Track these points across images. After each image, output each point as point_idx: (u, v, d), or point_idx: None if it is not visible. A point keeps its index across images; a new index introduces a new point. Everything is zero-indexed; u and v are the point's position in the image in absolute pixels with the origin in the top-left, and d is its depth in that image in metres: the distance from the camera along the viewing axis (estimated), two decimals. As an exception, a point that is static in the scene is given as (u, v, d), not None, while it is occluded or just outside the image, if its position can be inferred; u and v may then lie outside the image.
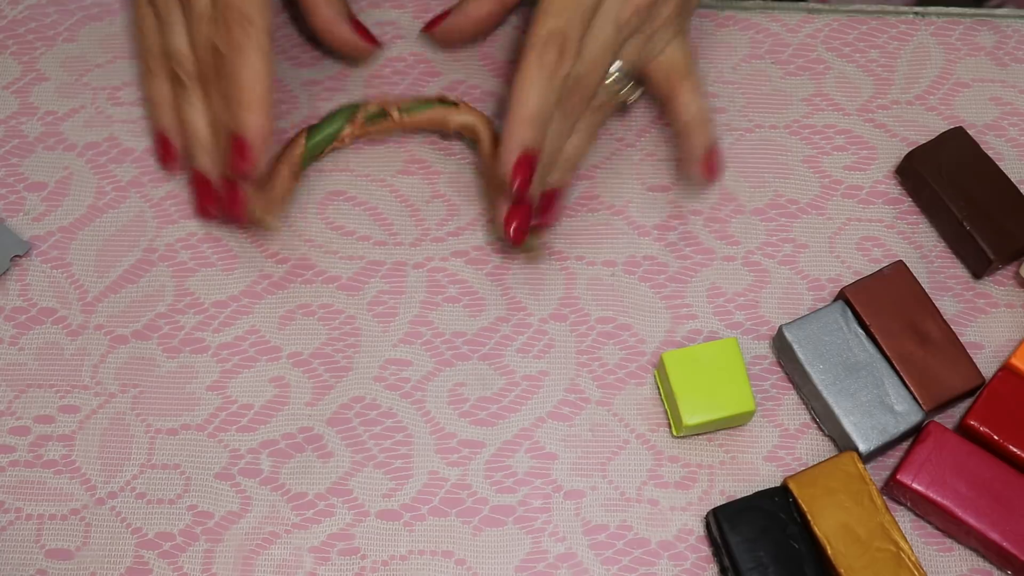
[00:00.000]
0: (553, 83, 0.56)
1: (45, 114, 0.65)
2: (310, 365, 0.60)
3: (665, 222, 0.63)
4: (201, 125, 0.60)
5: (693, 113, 0.60)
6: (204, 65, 0.59)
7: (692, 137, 0.60)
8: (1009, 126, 0.65)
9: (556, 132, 0.58)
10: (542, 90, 0.56)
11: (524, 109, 0.56)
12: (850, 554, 0.54)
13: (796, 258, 0.62)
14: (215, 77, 0.58)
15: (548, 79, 0.56)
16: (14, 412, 0.59)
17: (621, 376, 0.60)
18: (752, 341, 0.61)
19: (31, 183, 0.63)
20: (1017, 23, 0.68)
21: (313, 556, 0.57)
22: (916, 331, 0.58)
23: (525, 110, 0.56)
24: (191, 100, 0.60)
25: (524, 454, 0.59)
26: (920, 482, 0.56)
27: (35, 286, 0.61)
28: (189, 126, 0.60)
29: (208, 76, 0.59)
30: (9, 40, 0.66)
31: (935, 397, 0.57)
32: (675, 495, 0.58)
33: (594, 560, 0.57)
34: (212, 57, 0.58)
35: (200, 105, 0.60)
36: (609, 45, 0.57)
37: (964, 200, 0.61)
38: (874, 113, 0.65)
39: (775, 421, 0.59)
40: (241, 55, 0.56)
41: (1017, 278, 0.62)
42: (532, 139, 0.56)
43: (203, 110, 0.60)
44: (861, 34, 0.67)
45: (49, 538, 0.57)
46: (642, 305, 0.61)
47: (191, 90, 0.59)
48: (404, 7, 0.67)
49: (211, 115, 0.59)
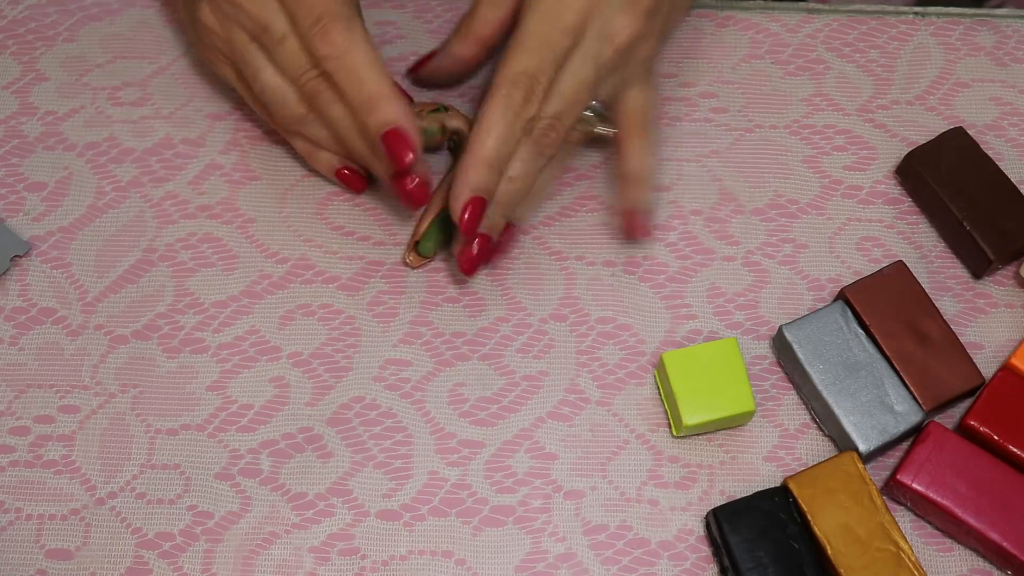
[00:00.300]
0: (515, 126, 0.56)
1: (45, 114, 0.65)
2: (310, 365, 0.60)
3: (665, 222, 0.63)
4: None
5: (633, 167, 0.60)
6: (309, 91, 0.57)
7: (625, 190, 0.60)
8: (1009, 126, 0.65)
9: (526, 171, 0.57)
10: (503, 133, 0.55)
11: (482, 150, 0.55)
12: (850, 554, 0.54)
13: (796, 258, 0.62)
14: (327, 93, 0.56)
15: (511, 122, 0.55)
16: (14, 412, 0.59)
17: (621, 376, 0.60)
18: (752, 341, 0.61)
19: (31, 183, 0.63)
20: (1017, 23, 0.68)
21: (313, 556, 0.57)
22: (916, 331, 0.58)
23: (483, 151, 0.55)
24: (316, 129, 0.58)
25: (524, 454, 0.59)
26: (920, 482, 0.56)
27: (35, 286, 0.61)
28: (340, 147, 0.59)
29: (318, 97, 0.57)
30: (9, 40, 0.66)
31: (935, 397, 0.57)
32: (675, 495, 0.58)
33: (594, 560, 0.57)
34: (316, 80, 0.56)
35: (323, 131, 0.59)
36: (588, 85, 0.57)
37: (964, 200, 0.61)
38: (874, 113, 0.65)
39: (775, 421, 0.59)
40: (352, 53, 0.54)
41: (1017, 278, 0.62)
42: (485, 182, 0.56)
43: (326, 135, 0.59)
44: (861, 34, 0.67)
45: (49, 538, 0.57)
46: (642, 305, 0.61)
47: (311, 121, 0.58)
48: (404, 7, 0.67)
49: (340, 131, 0.58)
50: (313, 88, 0.56)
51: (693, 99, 0.66)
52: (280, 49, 0.56)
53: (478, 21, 0.60)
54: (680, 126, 0.65)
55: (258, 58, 0.57)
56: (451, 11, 0.67)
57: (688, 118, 0.65)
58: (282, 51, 0.56)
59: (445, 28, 0.67)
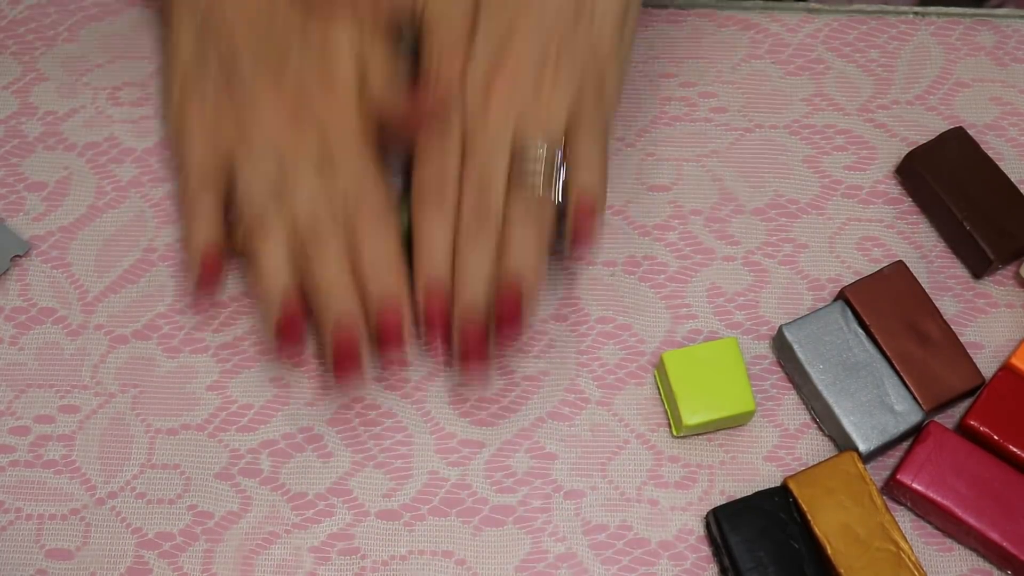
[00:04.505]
0: (445, 217, 0.56)
1: (45, 114, 0.65)
2: (310, 365, 0.60)
3: (665, 222, 0.63)
4: (345, 280, 0.56)
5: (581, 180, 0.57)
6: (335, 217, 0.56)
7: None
8: (1009, 126, 0.65)
9: (473, 260, 0.55)
10: (434, 228, 0.56)
11: (420, 249, 0.56)
12: (850, 554, 0.54)
13: (796, 258, 0.62)
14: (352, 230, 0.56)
15: (441, 222, 0.56)
16: (14, 412, 0.59)
17: (621, 376, 0.60)
18: (752, 341, 0.61)
19: (31, 183, 0.63)
20: (1017, 23, 0.68)
21: (313, 556, 0.57)
22: (916, 331, 0.58)
23: (421, 251, 0.56)
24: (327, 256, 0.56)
25: (524, 454, 0.59)
26: (920, 482, 0.56)
27: (35, 286, 0.61)
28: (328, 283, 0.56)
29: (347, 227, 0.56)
30: (9, 40, 0.66)
31: (935, 397, 0.57)
32: (675, 495, 0.58)
33: (594, 560, 0.57)
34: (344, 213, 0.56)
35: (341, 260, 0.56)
36: (500, 135, 0.56)
37: (964, 200, 0.61)
38: (874, 113, 0.65)
39: (775, 421, 0.59)
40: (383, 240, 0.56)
41: (1017, 278, 0.62)
42: (436, 276, 0.55)
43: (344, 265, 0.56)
44: (861, 34, 0.67)
45: (49, 538, 0.57)
46: (642, 305, 0.61)
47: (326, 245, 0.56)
48: (404, 7, 0.67)
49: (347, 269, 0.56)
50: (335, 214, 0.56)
51: (693, 99, 0.66)
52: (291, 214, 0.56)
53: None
54: (680, 126, 0.65)
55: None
56: (451, 11, 0.67)
57: (688, 118, 0.65)
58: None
59: (445, 28, 0.67)
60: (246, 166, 0.57)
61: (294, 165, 0.56)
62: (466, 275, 0.55)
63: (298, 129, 0.56)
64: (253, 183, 0.56)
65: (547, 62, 0.56)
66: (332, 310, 0.55)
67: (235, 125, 0.57)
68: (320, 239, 0.55)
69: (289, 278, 0.56)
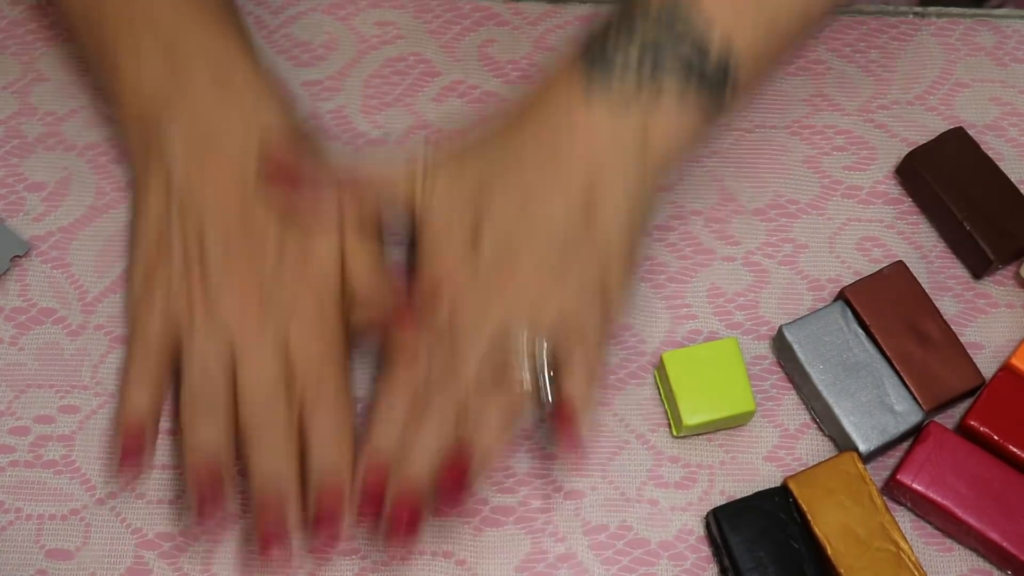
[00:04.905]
0: (407, 384, 0.54)
1: (45, 114, 0.65)
2: (310, 365, 0.60)
3: (665, 222, 0.63)
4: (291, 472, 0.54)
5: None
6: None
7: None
8: (1009, 126, 0.65)
9: (425, 432, 0.53)
10: (394, 396, 0.54)
11: (374, 417, 0.55)
12: (850, 554, 0.54)
13: (796, 258, 0.62)
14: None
15: (404, 390, 0.54)
16: (14, 412, 0.59)
17: (621, 376, 0.60)
18: (752, 341, 0.61)
19: (31, 183, 0.63)
20: (1017, 23, 0.68)
21: (313, 556, 0.57)
22: (916, 331, 0.58)
23: (375, 418, 0.55)
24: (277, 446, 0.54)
25: (524, 454, 0.59)
26: (920, 482, 0.56)
27: (35, 286, 0.61)
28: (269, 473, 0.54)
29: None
30: (9, 40, 0.66)
31: (935, 397, 0.57)
32: (675, 495, 0.58)
33: (594, 560, 0.57)
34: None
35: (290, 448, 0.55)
36: (483, 316, 0.54)
37: (964, 200, 0.61)
38: (874, 113, 0.65)
39: (775, 421, 0.59)
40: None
41: (1017, 278, 0.62)
42: (381, 448, 0.54)
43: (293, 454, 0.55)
44: (861, 34, 0.67)
45: (49, 538, 0.57)
46: (642, 305, 0.61)
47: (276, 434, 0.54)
48: (404, 7, 0.67)
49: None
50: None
51: (693, 99, 0.66)
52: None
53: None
54: (680, 126, 0.65)
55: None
56: (451, 11, 0.67)
57: (688, 118, 0.65)
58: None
59: (445, 28, 0.67)
60: (194, 342, 0.55)
61: (247, 348, 0.54)
62: (414, 449, 0.53)
63: (261, 314, 0.55)
64: (196, 361, 0.55)
65: (549, 265, 0.54)
66: (260, 496, 0.54)
67: (195, 302, 0.55)
68: (262, 426, 0.54)
69: (218, 457, 0.54)
